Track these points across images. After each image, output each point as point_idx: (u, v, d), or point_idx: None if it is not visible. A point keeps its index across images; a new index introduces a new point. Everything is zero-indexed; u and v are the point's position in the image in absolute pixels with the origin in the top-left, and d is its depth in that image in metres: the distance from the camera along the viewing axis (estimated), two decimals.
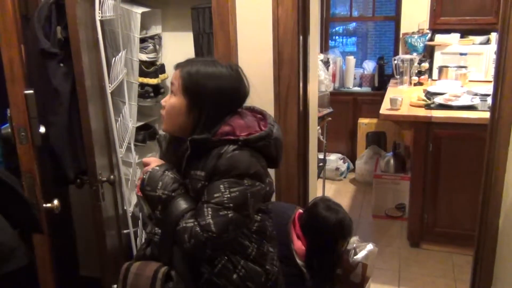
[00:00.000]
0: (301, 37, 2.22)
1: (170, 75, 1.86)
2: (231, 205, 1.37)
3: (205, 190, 1.42)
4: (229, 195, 1.38)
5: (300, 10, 2.18)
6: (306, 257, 1.94)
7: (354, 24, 5.65)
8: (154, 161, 1.55)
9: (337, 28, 5.71)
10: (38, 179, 1.49)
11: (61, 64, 2.06)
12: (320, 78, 3.73)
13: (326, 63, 4.61)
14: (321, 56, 4.44)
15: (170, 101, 1.49)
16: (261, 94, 2.30)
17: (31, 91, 1.44)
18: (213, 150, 1.42)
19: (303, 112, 2.35)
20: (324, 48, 5.24)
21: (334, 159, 4.89)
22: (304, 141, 2.38)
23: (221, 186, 1.39)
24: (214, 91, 1.45)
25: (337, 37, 5.74)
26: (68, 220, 2.67)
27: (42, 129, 1.53)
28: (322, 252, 1.95)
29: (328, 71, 4.48)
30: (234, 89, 1.49)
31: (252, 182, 1.42)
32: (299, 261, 1.92)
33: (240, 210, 1.40)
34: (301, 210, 2.08)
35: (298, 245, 1.95)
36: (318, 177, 3.77)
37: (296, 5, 2.14)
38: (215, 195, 1.38)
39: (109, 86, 2.05)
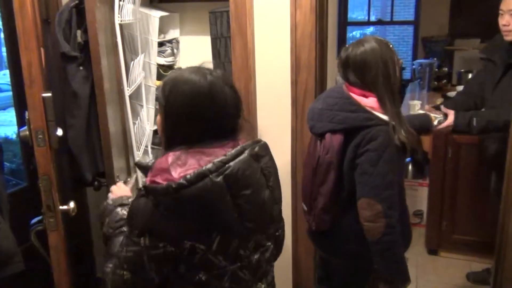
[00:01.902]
0: (318, 42, 2.21)
1: None
2: (125, 266, 1.23)
3: None
4: (125, 254, 1.22)
5: (318, 14, 2.17)
6: (381, 104, 1.74)
7: (371, 28, 5.62)
8: (115, 189, 1.54)
9: (354, 33, 5.68)
10: (55, 182, 1.50)
11: (81, 67, 2.09)
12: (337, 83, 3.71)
13: None
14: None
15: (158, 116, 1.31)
16: (278, 98, 2.29)
17: (49, 94, 1.45)
18: None
19: None
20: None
21: None
22: None
23: (122, 239, 1.26)
24: (173, 100, 1.19)
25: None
26: (85, 222, 2.69)
27: (60, 132, 1.53)
28: (384, 85, 1.73)
29: None
30: (196, 100, 1.18)
31: (152, 243, 1.16)
32: (382, 116, 1.72)
33: (137, 273, 1.23)
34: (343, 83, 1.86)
35: (369, 102, 1.73)
36: None
37: (314, 9, 2.13)
38: (117, 249, 1.27)
39: (127, 90, 2.06)
